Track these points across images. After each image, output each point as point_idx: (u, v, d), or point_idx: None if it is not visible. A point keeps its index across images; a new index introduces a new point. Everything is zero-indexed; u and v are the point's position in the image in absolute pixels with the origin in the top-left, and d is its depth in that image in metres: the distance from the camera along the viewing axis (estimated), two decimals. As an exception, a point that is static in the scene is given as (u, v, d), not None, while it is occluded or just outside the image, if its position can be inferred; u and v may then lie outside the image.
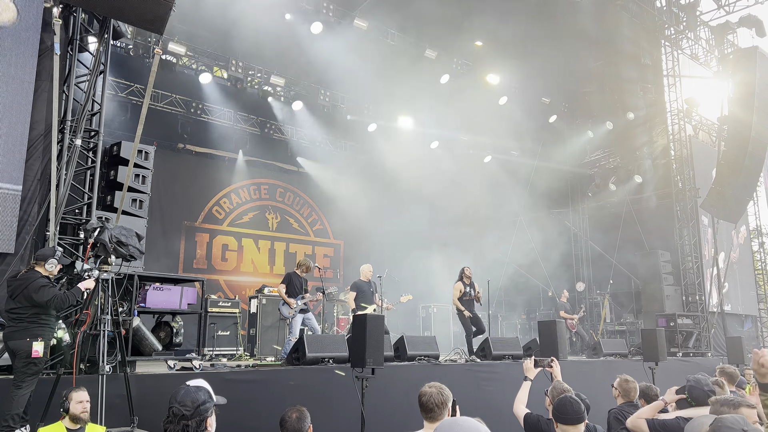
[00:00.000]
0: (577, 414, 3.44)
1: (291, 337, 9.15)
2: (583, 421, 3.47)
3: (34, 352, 5.16)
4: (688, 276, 14.64)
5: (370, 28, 13.22)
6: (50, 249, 5.76)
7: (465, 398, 7.60)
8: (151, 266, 10.59)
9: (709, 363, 11.53)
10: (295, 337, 9.11)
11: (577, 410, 3.44)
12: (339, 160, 18.04)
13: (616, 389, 5.03)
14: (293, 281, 9.22)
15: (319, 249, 17.80)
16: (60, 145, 7.15)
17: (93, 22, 7.87)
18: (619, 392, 4.96)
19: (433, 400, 3.19)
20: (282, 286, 9.19)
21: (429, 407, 3.20)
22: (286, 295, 9.10)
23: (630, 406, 4.77)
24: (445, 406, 3.22)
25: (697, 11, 16.17)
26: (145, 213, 8.06)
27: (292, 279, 9.25)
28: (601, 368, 10.45)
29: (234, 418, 5.99)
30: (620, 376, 5.05)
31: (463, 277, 10.46)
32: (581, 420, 3.44)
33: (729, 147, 14.03)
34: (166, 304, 7.36)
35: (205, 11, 11.79)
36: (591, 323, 15.76)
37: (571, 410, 3.44)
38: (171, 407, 2.29)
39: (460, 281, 10.46)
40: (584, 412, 3.47)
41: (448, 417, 3.25)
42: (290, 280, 9.23)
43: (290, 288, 9.15)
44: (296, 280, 9.27)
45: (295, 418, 3.27)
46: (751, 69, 13.37)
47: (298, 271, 9.43)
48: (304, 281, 9.40)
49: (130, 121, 12.70)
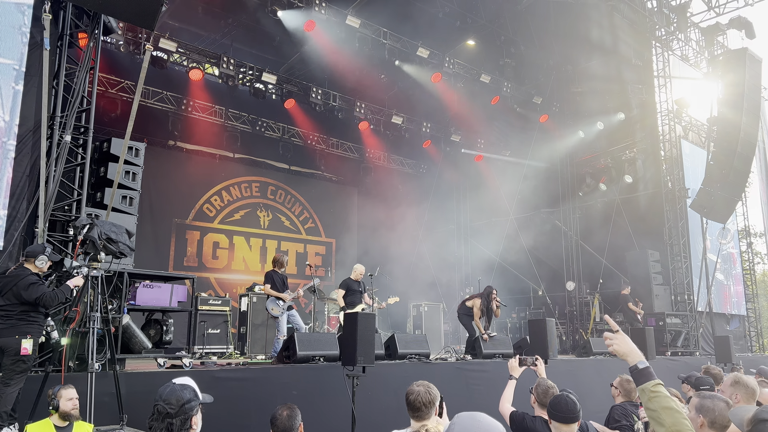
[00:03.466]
0: (572, 413, 3.44)
1: (280, 336, 9.14)
2: (578, 421, 3.48)
3: (22, 349, 5.13)
4: (677, 276, 14.74)
5: (363, 25, 13.20)
6: (40, 246, 5.72)
7: (455, 396, 7.63)
8: (142, 264, 10.51)
9: (697, 362, 11.63)
10: (283, 335, 9.11)
11: (573, 409, 3.45)
12: (331, 159, 18.04)
13: (616, 388, 5.10)
14: (275, 279, 9.21)
15: (311, 247, 17.78)
16: (49, 142, 7.08)
17: (83, 18, 7.80)
18: (620, 392, 5.03)
19: (420, 399, 3.20)
20: (268, 286, 9.18)
21: (416, 406, 3.20)
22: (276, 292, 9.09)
23: (632, 405, 4.85)
24: (433, 405, 3.23)
25: (688, 12, 16.26)
26: (136, 210, 8.00)
27: (274, 277, 9.24)
28: (591, 367, 10.52)
29: (225, 416, 5.97)
30: (621, 376, 5.11)
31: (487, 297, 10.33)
32: (576, 419, 3.45)
33: (718, 148, 14.15)
34: (156, 302, 7.32)
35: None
36: (581, 322, 15.85)
37: (566, 409, 3.45)
38: (156, 405, 2.29)
39: (480, 298, 10.37)
40: (579, 411, 3.48)
41: (435, 416, 3.27)
42: (273, 279, 9.21)
43: (274, 287, 9.15)
44: (278, 277, 9.26)
45: (286, 416, 3.27)
46: (740, 70, 13.48)
47: (277, 269, 9.41)
48: (284, 278, 9.38)
49: (121, 117, 12.61)
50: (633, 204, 15.60)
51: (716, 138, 14.53)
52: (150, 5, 6.89)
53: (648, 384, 2.29)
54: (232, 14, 13.90)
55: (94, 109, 7.69)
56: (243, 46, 14.93)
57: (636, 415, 4.67)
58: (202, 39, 14.29)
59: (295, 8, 12.37)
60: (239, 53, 14.48)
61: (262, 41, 14.60)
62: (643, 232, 15.01)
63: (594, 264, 15.74)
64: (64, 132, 7.19)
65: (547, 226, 17.03)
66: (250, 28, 14.04)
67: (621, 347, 2.42)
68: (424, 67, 14.91)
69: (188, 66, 13.56)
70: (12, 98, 6.83)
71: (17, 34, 6.94)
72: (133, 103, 7.56)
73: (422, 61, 14.62)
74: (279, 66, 15.18)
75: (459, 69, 15.36)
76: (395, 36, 13.99)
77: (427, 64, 14.84)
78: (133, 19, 8.31)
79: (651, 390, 2.27)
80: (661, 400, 2.24)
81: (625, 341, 2.43)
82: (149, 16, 7.09)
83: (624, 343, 2.43)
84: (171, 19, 13.27)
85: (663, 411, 2.22)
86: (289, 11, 12.41)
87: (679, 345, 13.60)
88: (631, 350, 2.40)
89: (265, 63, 14.63)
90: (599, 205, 16.38)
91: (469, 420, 1.85)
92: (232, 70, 13.41)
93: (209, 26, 14.21)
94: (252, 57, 14.88)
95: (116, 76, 13.09)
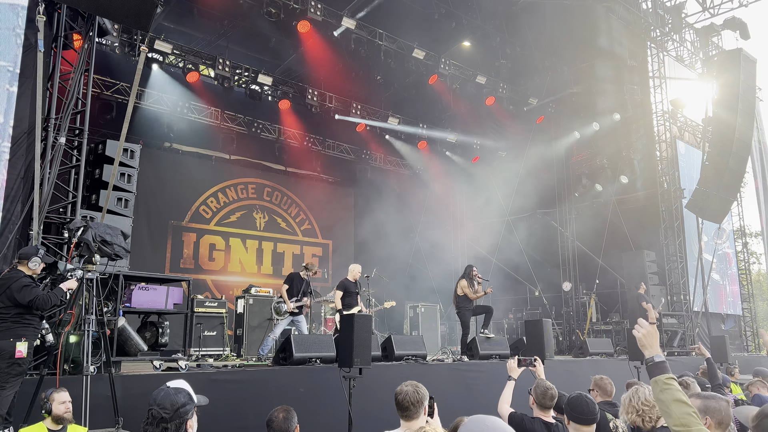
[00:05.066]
0: (592, 414, 3.43)
1: (271, 335, 9.15)
2: (596, 422, 3.47)
3: (17, 352, 5.09)
4: (673, 276, 14.77)
5: (359, 26, 13.20)
6: (33, 248, 5.69)
7: (452, 397, 7.62)
8: (137, 266, 10.49)
9: (693, 362, 11.66)
10: (275, 336, 9.13)
11: (593, 410, 3.43)
12: (327, 160, 18.02)
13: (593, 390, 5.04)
14: (295, 283, 9.25)
15: (308, 249, 17.76)
16: (44, 143, 7.06)
17: (77, 19, 7.78)
18: (598, 392, 4.98)
19: (409, 399, 3.21)
20: (285, 287, 9.21)
21: (405, 405, 3.22)
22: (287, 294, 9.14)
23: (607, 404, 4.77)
24: (421, 404, 3.24)
25: (683, 13, 16.33)
26: (131, 212, 7.97)
27: (294, 280, 9.27)
28: (588, 367, 10.52)
29: (221, 418, 5.95)
30: (594, 377, 5.06)
31: (470, 276, 10.39)
32: (595, 420, 3.44)
33: (713, 148, 14.18)
34: (152, 304, 7.30)
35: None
36: (577, 323, 15.86)
37: (587, 410, 3.43)
38: (150, 409, 2.26)
39: (465, 278, 10.41)
40: (598, 412, 3.46)
41: (424, 416, 3.28)
42: (292, 282, 9.25)
43: (290, 290, 9.17)
44: (298, 282, 9.29)
45: (282, 418, 3.25)
46: (734, 71, 13.52)
47: (302, 274, 9.43)
48: (306, 284, 9.40)
49: (116, 119, 12.57)
50: (629, 204, 15.62)
51: (711, 138, 14.56)
52: (145, 7, 6.87)
53: (662, 376, 2.41)
54: (227, 16, 13.88)
55: (88, 111, 7.67)
56: (239, 48, 14.91)
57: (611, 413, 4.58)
58: (197, 41, 14.27)
59: (290, 9, 12.34)
60: (235, 55, 14.45)
61: (257, 43, 14.57)
62: (639, 232, 15.03)
63: (590, 264, 15.75)
64: (58, 134, 7.16)
65: (543, 226, 17.05)
66: (245, 29, 14.01)
67: (647, 338, 2.57)
68: (420, 68, 14.92)
69: (184, 67, 13.54)
70: (6, 100, 6.80)
71: (11, 35, 6.92)
72: (129, 104, 7.54)
73: (418, 63, 14.63)
74: (275, 67, 15.17)
75: (455, 70, 15.36)
76: (391, 37, 13.98)
77: (422, 66, 14.85)
78: (128, 20, 8.30)
79: (664, 382, 2.39)
80: (673, 393, 2.35)
81: (653, 335, 2.58)
82: (144, 18, 7.07)
83: (651, 336, 2.57)
84: (166, 21, 13.24)
85: (673, 403, 2.33)
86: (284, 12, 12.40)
87: (675, 345, 13.63)
88: (653, 344, 2.55)
89: (261, 64, 14.62)
90: (595, 205, 16.40)
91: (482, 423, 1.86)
92: (228, 72, 13.38)
93: (205, 28, 14.17)
94: (248, 58, 14.85)
95: (111, 78, 13.05)
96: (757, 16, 18.92)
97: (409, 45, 14.26)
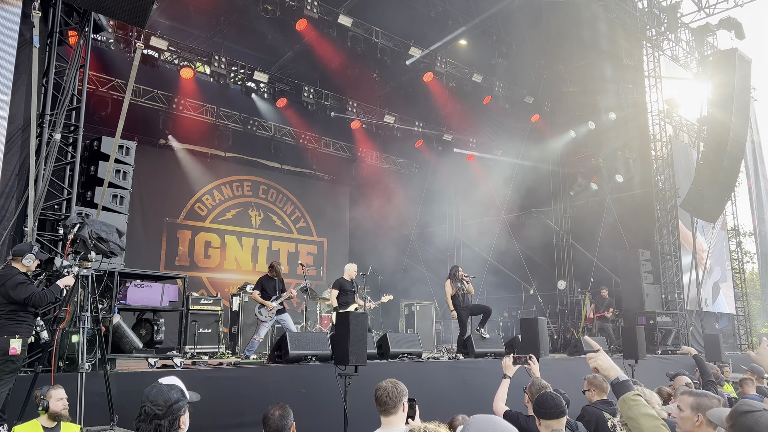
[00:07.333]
0: (558, 408, 3.45)
1: (256, 338, 9.16)
2: (565, 415, 3.49)
3: (11, 349, 5.08)
4: (668, 274, 14.83)
5: (355, 24, 13.19)
6: (27, 244, 5.67)
7: (448, 395, 7.64)
8: (132, 263, 10.44)
9: (687, 360, 11.70)
10: (260, 338, 9.14)
11: (558, 404, 3.46)
12: (323, 158, 18.00)
13: (588, 389, 5.00)
14: (265, 286, 9.26)
15: (303, 246, 17.75)
16: (39, 140, 7.02)
17: (73, 15, 7.74)
18: (594, 390, 4.94)
19: (387, 394, 3.26)
20: (256, 293, 9.22)
21: (383, 400, 3.26)
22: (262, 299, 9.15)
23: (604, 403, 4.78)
24: (400, 400, 3.27)
25: (678, 13, 16.36)
26: (126, 209, 7.94)
27: (264, 284, 9.29)
28: (582, 365, 10.53)
29: (216, 416, 5.95)
30: (587, 376, 5.00)
31: (454, 276, 10.35)
32: (563, 414, 3.46)
33: (708, 148, 14.23)
34: (147, 302, 7.28)
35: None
36: (572, 321, 15.91)
37: (552, 404, 3.46)
38: (143, 406, 2.27)
39: (450, 279, 10.38)
40: (565, 405, 3.48)
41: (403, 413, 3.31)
42: (262, 286, 9.27)
43: (264, 293, 9.19)
44: (268, 283, 9.30)
45: (278, 415, 3.26)
46: (730, 71, 13.55)
47: (270, 274, 9.46)
48: (279, 282, 9.40)
49: (111, 116, 12.53)
50: (624, 203, 15.66)
51: (706, 138, 14.62)
52: (141, 3, 6.84)
53: (629, 393, 2.52)
54: (223, 13, 13.84)
55: (84, 107, 7.63)
56: (235, 45, 14.87)
57: (609, 412, 4.58)
58: (193, 37, 14.22)
59: (287, 6, 12.32)
60: (231, 52, 14.42)
61: (254, 40, 14.53)
62: (633, 231, 15.08)
63: (585, 263, 15.79)
64: (53, 130, 7.12)
65: (538, 225, 17.08)
66: (241, 26, 13.99)
67: (603, 363, 2.67)
68: (416, 66, 14.92)
69: (179, 64, 13.49)
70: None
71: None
72: (124, 101, 7.51)
73: (414, 61, 14.62)
74: (271, 65, 15.13)
75: (451, 68, 15.37)
76: (387, 35, 13.98)
77: (419, 64, 14.85)
78: (124, 16, 8.26)
79: (631, 399, 2.50)
80: (641, 408, 2.46)
81: (606, 359, 2.69)
82: (140, 14, 7.04)
83: (605, 360, 2.68)
84: (162, 17, 13.20)
85: (642, 417, 2.43)
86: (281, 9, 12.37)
87: (669, 343, 13.69)
88: (612, 366, 2.66)
89: (257, 62, 14.59)
90: (590, 204, 16.44)
91: (485, 422, 1.88)
92: (224, 69, 13.34)
93: (201, 24, 14.14)
94: (244, 55, 14.82)
95: (107, 75, 13.00)
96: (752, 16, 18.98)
97: (406, 43, 14.26)
